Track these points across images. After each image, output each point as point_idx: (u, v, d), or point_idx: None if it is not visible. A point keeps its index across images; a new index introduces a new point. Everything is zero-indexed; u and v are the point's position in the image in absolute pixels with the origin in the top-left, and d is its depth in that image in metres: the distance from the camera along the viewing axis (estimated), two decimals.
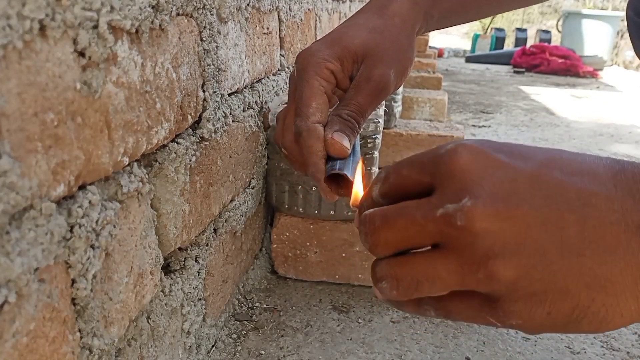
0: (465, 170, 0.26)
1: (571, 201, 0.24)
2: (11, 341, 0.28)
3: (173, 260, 0.52)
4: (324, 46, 0.45)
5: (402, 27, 0.47)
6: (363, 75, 0.44)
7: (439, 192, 0.27)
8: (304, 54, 0.45)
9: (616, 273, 0.24)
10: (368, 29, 0.46)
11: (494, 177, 0.25)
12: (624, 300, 0.24)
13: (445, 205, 0.26)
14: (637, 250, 0.24)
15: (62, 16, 0.29)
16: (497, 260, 0.24)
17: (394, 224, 0.27)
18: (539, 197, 0.25)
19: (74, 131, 0.32)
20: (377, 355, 0.65)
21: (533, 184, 0.25)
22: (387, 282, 0.28)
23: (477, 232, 0.25)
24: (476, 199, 0.25)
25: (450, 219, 0.25)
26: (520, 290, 0.25)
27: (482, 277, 0.25)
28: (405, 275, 0.27)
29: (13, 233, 0.27)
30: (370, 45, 0.45)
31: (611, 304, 0.24)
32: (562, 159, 0.26)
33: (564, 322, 0.25)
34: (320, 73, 0.44)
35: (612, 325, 0.25)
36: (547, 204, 0.24)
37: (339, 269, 0.79)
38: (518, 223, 0.24)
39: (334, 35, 0.46)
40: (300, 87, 0.44)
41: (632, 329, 0.73)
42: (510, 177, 0.25)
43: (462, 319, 0.28)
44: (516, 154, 0.27)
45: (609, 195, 0.24)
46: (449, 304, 0.28)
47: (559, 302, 0.25)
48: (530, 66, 4.00)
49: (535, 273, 0.24)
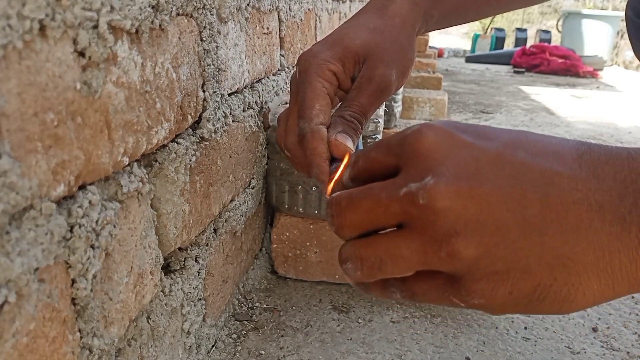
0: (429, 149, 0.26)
1: (534, 180, 0.24)
2: (11, 341, 0.28)
3: (173, 260, 0.52)
4: (325, 47, 0.45)
5: (403, 27, 0.47)
6: (365, 76, 0.44)
7: (403, 172, 0.27)
8: (306, 56, 0.45)
9: (578, 251, 0.24)
10: (369, 30, 0.46)
11: (457, 156, 0.26)
12: (586, 280, 0.24)
13: (408, 185, 0.26)
14: (600, 229, 0.23)
15: (62, 16, 0.29)
16: (458, 239, 0.25)
17: (359, 205, 0.28)
18: (501, 177, 0.25)
19: (74, 131, 0.32)
20: (377, 355, 0.65)
21: (496, 164, 0.25)
22: (351, 262, 0.28)
23: (439, 210, 0.25)
24: (439, 177, 0.25)
25: (412, 197, 0.25)
26: (482, 269, 0.25)
27: (444, 255, 0.25)
28: (369, 256, 0.27)
29: (13, 233, 0.27)
30: (371, 45, 0.45)
31: (573, 282, 0.24)
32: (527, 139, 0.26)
33: (526, 301, 0.25)
34: (322, 74, 0.44)
35: (574, 306, 0.25)
36: (510, 183, 0.24)
37: (339, 269, 0.79)
38: (480, 201, 0.24)
39: (334, 37, 0.46)
40: (302, 89, 0.44)
41: (633, 329, 0.73)
42: (473, 156, 0.25)
43: (426, 300, 0.28)
44: (481, 135, 0.27)
45: (573, 175, 0.24)
46: (414, 285, 0.28)
47: (521, 281, 0.25)
48: (530, 66, 4.00)
49: (497, 251, 0.24)
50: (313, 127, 0.42)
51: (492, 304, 0.26)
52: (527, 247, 0.24)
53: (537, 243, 0.24)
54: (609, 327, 0.74)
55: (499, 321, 0.73)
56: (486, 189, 0.24)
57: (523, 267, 0.24)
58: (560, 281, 0.24)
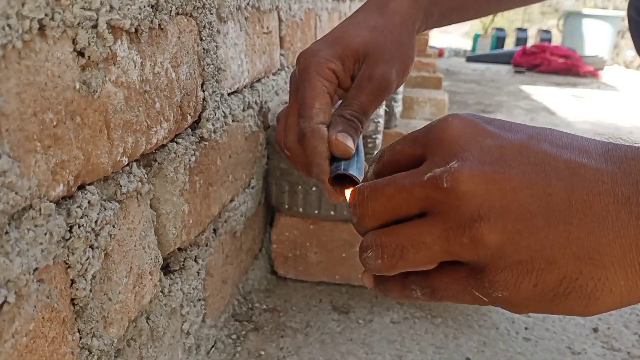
0: (454, 136, 0.26)
1: (559, 170, 0.24)
2: (11, 341, 0.27)
3: (172, 260, 0.52)
4: (325, 46, 0.45)
5: (403, 25, 0.47)
6: (365, 75, 0.44)
7: (428, 160, 0.27)
8: (305, 54, 0.45)
9: (604, 244, 0.23)
10: (369, 28, 0.46)
11: (482, 143, 0.25)
12: (613, 274, 0.23)
13: (433, 170, 0.25)
14: (627, 222, 0.23)
15: (61, 16, 0.29)
16: (482, 224, 0.24)
17: (382, 193, 0.27)
18: (526, 164, 0.24)
19: (73, 131, 0.32)
20: (377, 355, 0.64)
21: (521, 152, 0.25)
22: (372, 250, 0.27)
23: (462, 193, 0.24)
24: (463, 161, 0.25)
25: (436, 181, 0.25)
26: (506, 257, 0.24)
27: (467, 241, 0.24)
28: (390, 243, 0.27)
29: (12, 233, 0.27)
30: (371, 43, 0.45)
31: (599, 277, 0.23)
32: (552, 133, 0.26)
33: (551, 295, 0.24)
34: (322, 73, 0.44)
35: (601, 304, 0.24)
36: (535, 170, 0.24)
37: (339, 270, 0.79)
38: (504, 186, 0.24)
39: (334, 35, 0.46)
40: (302, 88, 0.44)
41: (633, 330, 0.73)
42: (498, 144, 0.25)
43: (448, 297, 0.27)
44: (506, 127, 0.27)
45: (599, 167, 0.24)
46: (435, 280, 0.27)
47: (546, 273, 0.24)
48: (531, 66, 4.00)
49: (521, 239, 0.24)
50: (313, 126, 0.42)
51: (516, 297, 0.25)
52: (552, 236, 0.24)
53: (562, 232, 0.23)
54: (609, 327, 0.74)
55: (499, 322, 0.73)
56: (511, 174, 0.24)
57: (548, 258, 0.24)
58: (586, 275, 0.24)
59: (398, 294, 0.30)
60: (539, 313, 0.26)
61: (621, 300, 0.24)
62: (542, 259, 0.24)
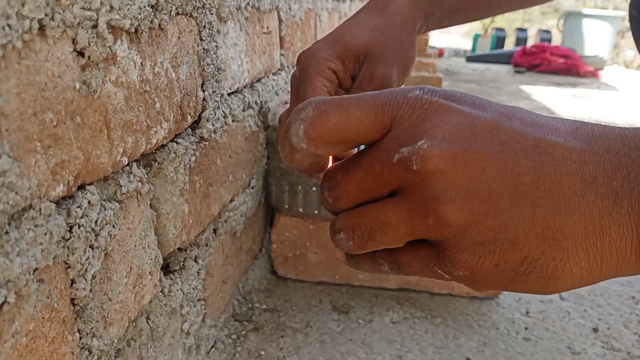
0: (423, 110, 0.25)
1: (528, 149, 0.24)
2: (11, 341, 0.27)
3: (172, 260, 0.52)
4: (325, 45, 0.45)
5: (403, 25, 0.47)
6: (365, 75, 0.44)
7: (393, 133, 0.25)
8: (305, 54, 0.45)
9: (569, 224, 0.23)
10: (369, 28, 0.46)
11: (452, 121, 0.25)
12: (575, 255, 0.24)
13: (400, 150, 0.25)
14: (592, 202, 0.23)
15: (61, 16, 0.29)
16: (447, 205, 0.24)
17: (353, 176, 0.27)
18: (496, 143, 0.24)
19: (73, 131, 0.32)
20: (377, 355, 0.64)
21: (492, 130, 0.24)
22: (344, 232, 0.28)
23: (431, 174, 0.24)
24: (432, 140, 0.24)
25: (406, 163, 0.24)
26: (469, 237, 0.24)
27: (431, 222, 0.24)
28: (360, 225, 0.27)
29: (12, 233, 0.27)
30: (372, 44, 0.45)
31: (561, 257, 0.24)
32: (521, 112, 0.26)
33: (511, 275, 0.25)
34: (322, 73, 0.44)
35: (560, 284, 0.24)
36: (504, 149, 0.24)
37: (339, 269, 0.79)
38: (474, 167, 0.24)
39: (335, 35, 0.46)
40: (302, 88, 0.44)
41: (633, 330, 0.73)
42: (468, 123, 0.25)
43: (412, 272, 0.28)
44: (476, 103, 0.26)
45: (567, 145, 0.24)
46: (400, 257, 0.28)
47: (508, 253, 0.24)
48: (531, 66, 3.99)
49: (487, 220, 0.24)
50: None
51: (477, 277, 0.25)
52: (517, 217, 0.24)
53: (528, 213, 0.24)
54: (609, 327, 0.74)
55: (499, 322, 0.73)
56: (480, 154, 0.24)
57: (511, 239, 0.24)
58: (548, 255, 0.24)
59: (368, 267, 0.30)
60: (498, 289, 0.26)
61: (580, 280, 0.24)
62: (506, 240, 0.24)
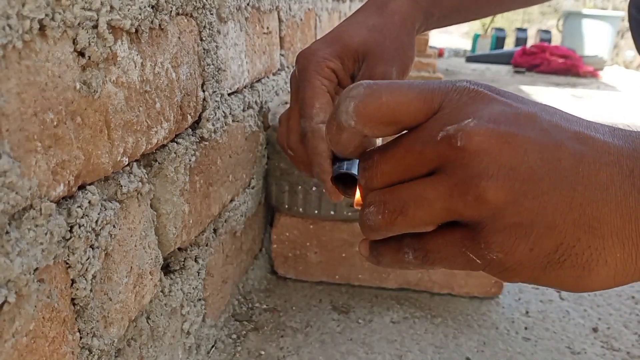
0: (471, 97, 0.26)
1: (570, 138, 0.25)
2: (11, 341, 0.27)
3: (173, 260, 0.52)
4: (324, 45, 0.45)
5: (402, 25, 0.47)
6: (365, 74, 0.44)
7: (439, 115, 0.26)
8: (304, 54, 0.45)
9: (605, 213, 0.24)
10: (368, 27, 0.46)
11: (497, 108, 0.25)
12: (610, 245, 0.24)
13: (445, 129, 0.25)
14: (629, 194, 0.23)
15: (61, 16, 0.29)
16: (489, 182, 0.24)
17: (392, 155, 0.27)
18: (538, 130, 0.25)
19: (74, 131, 0.32)
20: (377, 355, 0.64)
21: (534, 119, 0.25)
22: (374, 206, 0.27)
23: (475, 152, 0.24)
24: (479, 119, 0.24)
25: (450, 140, 0.24)
26: (507, 217, 0.24)
27: (470, 199, 0.24)
28: (392, 199, 0.26)
29: (13, 233, 0.27)
30: (371, 43, 0.45)
31: (596, 247, 0.24)
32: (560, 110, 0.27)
33: (545, 261, 0.25)
34: (321, 72, 0.44)
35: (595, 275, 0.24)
36: (546, 135, 0.24)
37: (339, 269, 0.79)
38: (516, 147, 0.24)
39: (334, 34, 0.46)
40: (302, 87, 0.44)
41: (633, 329, 0.73)
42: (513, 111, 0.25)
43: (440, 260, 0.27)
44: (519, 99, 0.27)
45: (606, 140, 0.25)
46: (429, 242, 0.27)
47: (544, 238, 0.24)
48: (531, 66, 3.99)
49: (526, 201, 0.24)
50: (314, 125, 0.42)
51: (510, 261, 0.25)
52: (556, 201, 0.24)
53: (566, 197, 0.24)
54: (609, 327, 0.74)
55: (499, 321, 0.73)
56: (523, 136, 0.24)
57: (548, 223, 0.24)
58: (583, 242, 0.24)
59: (391, 258, 0.29)
60: (529, 282, 0.26)
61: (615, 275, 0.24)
62: (543, 223, 0.24)
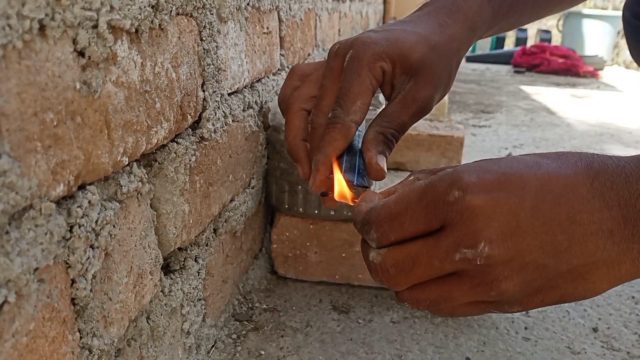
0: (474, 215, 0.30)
1: (562, 223, 0.30)
2: (11, 341, 0.27)
3: (173, 260, 0.52)
4: (384, 41, 0.43)
5: (457, 52, 0.47)
6: (410, 93, 0.43)
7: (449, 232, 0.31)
8: (363, 40, 0.43)
9: (594, 269, 0.31)
10: (429, 46, 0.44)
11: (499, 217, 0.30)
12: (600, 284, 0.31)
13: (461, 251, 0.30)
14: (611, 250, 0.30)
15: (61, 16, 0.29)
16: (506, 281, 0.31)
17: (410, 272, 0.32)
18: (537, 226, 0.30)
19: (74, 131, 0.32)
20: (377, 355, 0.64)
21: (533, 214, 0.30)
22: (409, 303, 0.34)
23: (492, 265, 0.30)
24: (491, 244, 0.30)
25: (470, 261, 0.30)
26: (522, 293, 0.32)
27: (494, 294, 0.31)
28: (424, 299, 0.33)
29: (13, 233, 0.27)
30: (427, 63, 0.44)
31: (589, 288, 0.32)
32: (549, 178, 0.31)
33: (552, 302, 0.33)
34: (373, 70, 0.42)
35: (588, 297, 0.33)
36: (544, 230, 0.30)
37: (339, 269, 0.79)
38: (524, 253, 0.30)
39: (396, 35, 0.44)
40: (349, 76, 0.42)
41: (633, 329, 0.73)
42: (512, 212, 0.30)
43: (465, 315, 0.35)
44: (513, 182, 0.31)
45: (590, 209, 0.30)
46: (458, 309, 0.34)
47: (551, 294, 0.32)
48: (531, 66, 3.99)
49: (535, 283, 0.31)
50: (346, 121, 0.41)
51: (527, 309, 0.33)
52: (558, 274, 0.31)
53: (566, 269, 0.31)
54: (609, 327, 0.74)
55: (499, 321, 0.73)
56: (527, 241, 0.30)
57: (553, 286, 0.32)
58: (580, 289, 0.32)
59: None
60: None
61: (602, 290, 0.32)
62: (549, 287, 0.32)
